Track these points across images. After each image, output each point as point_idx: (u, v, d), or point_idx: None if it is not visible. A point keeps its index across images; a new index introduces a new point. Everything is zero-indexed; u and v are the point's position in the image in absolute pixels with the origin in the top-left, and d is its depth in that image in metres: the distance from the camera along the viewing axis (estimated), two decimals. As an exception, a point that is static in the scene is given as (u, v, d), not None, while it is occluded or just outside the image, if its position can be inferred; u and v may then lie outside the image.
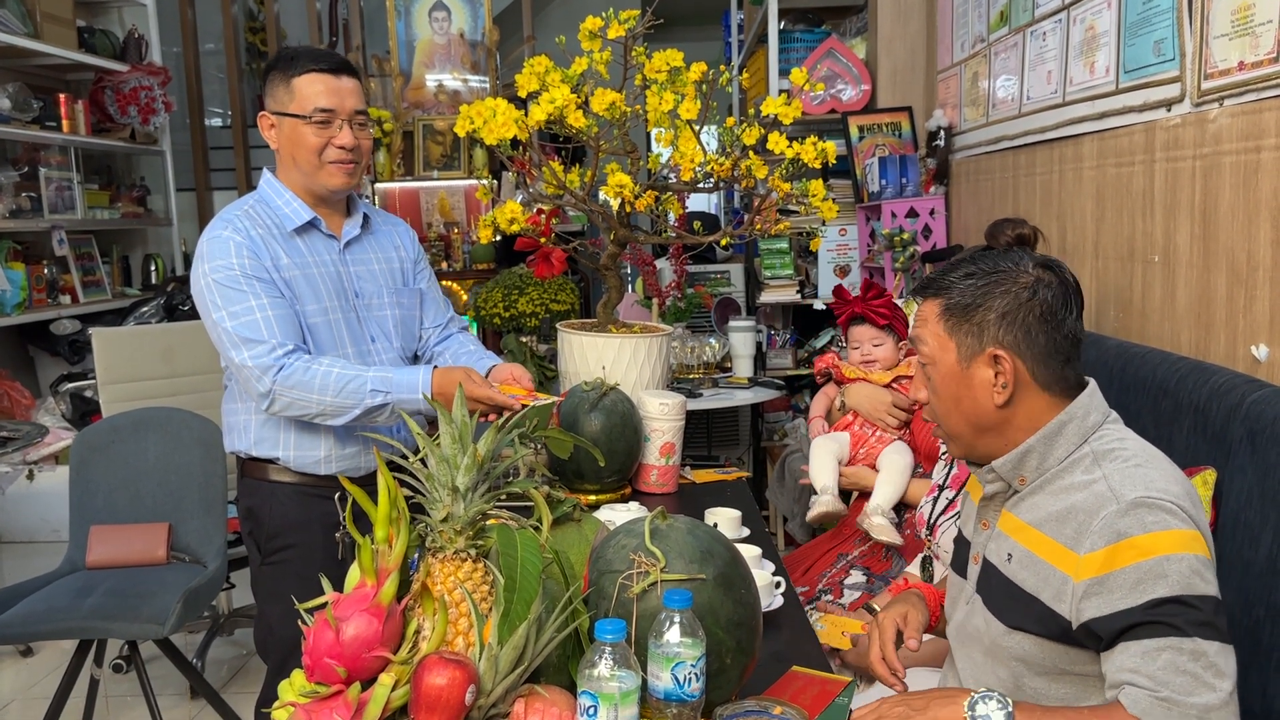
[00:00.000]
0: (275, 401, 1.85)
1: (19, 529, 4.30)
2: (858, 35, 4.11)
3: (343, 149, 1.92)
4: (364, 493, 1.16)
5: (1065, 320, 1.30)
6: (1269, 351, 1.69)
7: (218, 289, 1.85)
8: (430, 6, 5.00)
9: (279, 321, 1.85)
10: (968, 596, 1.41)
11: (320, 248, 1.99)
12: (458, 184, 5.03)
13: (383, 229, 2.14)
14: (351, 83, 1.94)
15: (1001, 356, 1.29)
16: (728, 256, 4.53)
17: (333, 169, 1.93)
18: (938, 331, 1.35)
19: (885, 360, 2.42)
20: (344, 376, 1.85)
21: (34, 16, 4.28)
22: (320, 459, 1.98)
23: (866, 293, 2.45)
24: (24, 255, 4.39)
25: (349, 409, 1.86)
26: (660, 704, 1.12)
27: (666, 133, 2.21)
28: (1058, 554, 1.24)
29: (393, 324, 2.07)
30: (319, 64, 1.90)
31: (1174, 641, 1.13)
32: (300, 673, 1.12)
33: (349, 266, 2.02)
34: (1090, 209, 2.39)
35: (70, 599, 2.51)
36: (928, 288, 1.38)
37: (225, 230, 1.89)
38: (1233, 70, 1.75)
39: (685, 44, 2.49)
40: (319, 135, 1.91)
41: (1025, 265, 1.31)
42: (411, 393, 1.86)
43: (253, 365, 1.83)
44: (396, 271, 2.11)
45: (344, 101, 1.91)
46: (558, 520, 1.48)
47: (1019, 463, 1.32)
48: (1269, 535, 1.41)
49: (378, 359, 2.02)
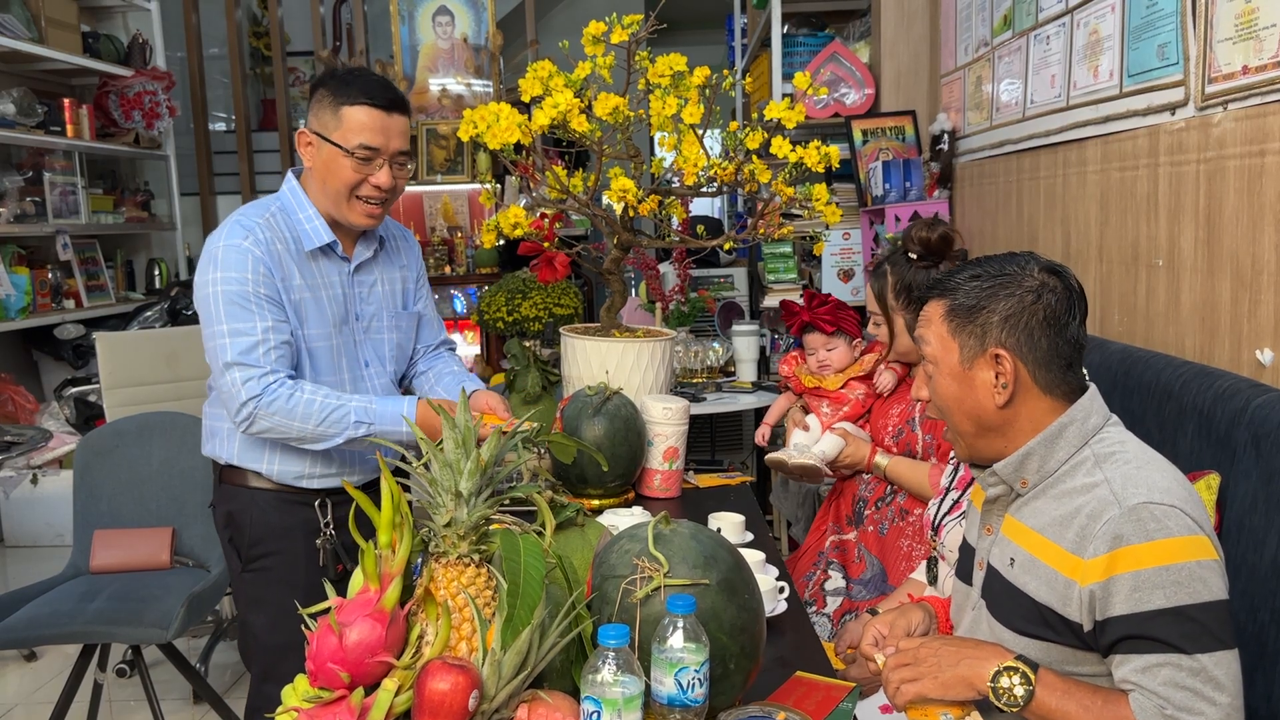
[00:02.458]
0: (254, 424, 1.82)
1: (23, 533, 4.30)
2: (861, 39, 4.11)
3: (378, 189, 1.87)
4: (367, 497, 1.16)
5: (1068, 325, 1.30)
6: (1273, 356, 1.68)
7: (224, 301, 1.81)
8: (434, 11, 5.01)
9: (277, 348, 1.82)
10: (973, 602, 1.41)
11: (332, 269, 1.95)
12: (461, 188, 5.04)
13: (393, 248, 2.09)
14: (402, 122, 1.87)
15: (1003, 356, 1.30)
16: (731, 260, 4.53)
17: (360, 207, 1.89)
18: (941, 333, 1.36)
19: (839, 362, 2.48)
20: (327, 406, 1.82)
21: (39, 22, 4.29)
22: (302, 474, 1.96)
23: (811, 302, 2.51)
24: (28, 260, 4.41)
25: (331, 437, 1.84)
26: (664, 709, 1.11)
27: (670, 137, 2.21)
28: (1061, 558, 1.24)
29: (389, 349, 2.05)
30: (373, 98, 1.83)
31: (1172, 658, 1.15)
32: (303, 678, 1.12)
33: (355, 289, 1.98)
34: (1094, 213, 2.38)
35: (74, 603, 2.52)
36: (934, 289, 1.39)
37: (245, 240, 1.83)
38: (1237, 74, 1.75)
39: (688, 48, 2.49)
40: (357, 171, 1.85)
41: (1031, 269, 1.32)
42: (395, 424, 1.85)
43: (241, 388, 1.79)
44: (399, 294, 2.08)
45: (390, 141, 1.85)
46: (561, 525, 1.48)
47: (1020, 465, 1.32)
48: (1274, 539, 1.41)
49: (369, 384, 1.99)
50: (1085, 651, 1.24)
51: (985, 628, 1.36)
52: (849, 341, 2.50)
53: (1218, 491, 1.54)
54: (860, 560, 2.28)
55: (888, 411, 2.35)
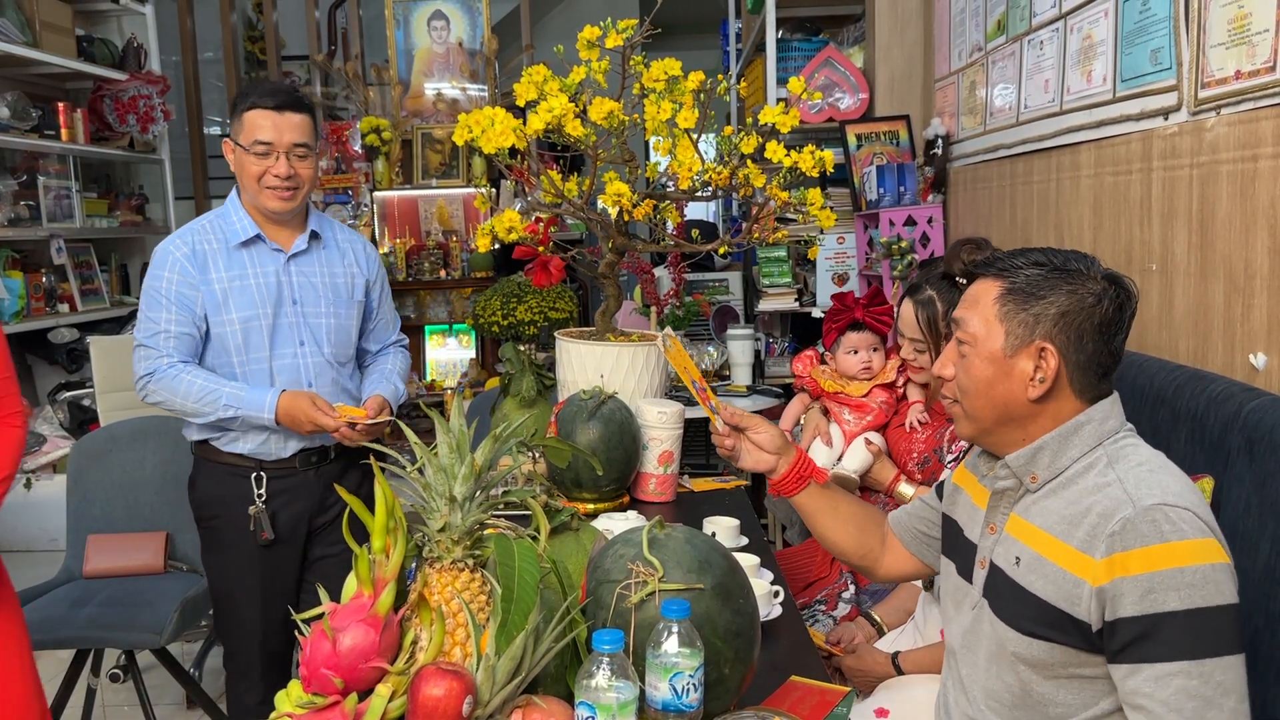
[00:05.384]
0: (148, 395, 2.21)
1: (16, 538, 4.29)
2: (855, 44, 4.12)
3: (277, 177, 2.18)
4: (360, 502, 1.16)
5: (1115, 336, 1.29)
6: (1267, 360, 1.69)
7: (146, 293, 2.21)
8: (429, 15, 5.01)
9: (178, 339, 2.19)
10: (974, 602, 1.40)
11: (265, 259, 2.25)
12: (456, 192, 5.04)
13: (338, 245, 2.37)
14: (295, 119, 2.18)
15: (1048, 351, 1.28)
16: (726, 264, 4.54)
17: (270, 194, 2.19)
18: (989, 315, 1.32)
19: (879, 367, 2.40)
20: (205, 388, 2.17)
21: (33, 25, 4.28)
22: (236, 440, 2.25)
23: (865, 299, 2.42)
24: (22, 264, 4.40)
25: (206, 414, 2.18)
26: (658, 715, 1.11)
27: (664, 141, 2.21)
28: (1070, 557, 1.23)
29: (325, 331, 2.30)
30: (265, 100, 2.16)
31: (1184, 667, 1.14)
32: (297, 683, 1.11)
33: (292, 277, 2.27)
34: (1088, 217, 2.39)
35: (67, 608, 2.51)
36: (990, 266, 1.35)
37: (174, 243, 2.21)
38: (1229, 79, 1.75)
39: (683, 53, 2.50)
40: (258, 165, 2.17)
41: (1096, 271, 1.30)
42: (258, 411, 2.17)
43: (141, 364, 2.20)
44: (341, 285, 2.34)
45: (282, 136, 2.16)
46: (555, 529, 1.47)
47: (1032, 458, 1.31)
48: (1267, 544, 1.41)
49: (305, 360, 2.28)
50: (1090, 653, 1.23)
51: (987, 628, 1.35)
52: (885, 345, 2.42)
53: (1211, 496, 1.54)
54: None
55: (913, 437, 2.29)
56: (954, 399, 1.39)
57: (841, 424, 2.39)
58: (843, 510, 1.65)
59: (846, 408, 2.39)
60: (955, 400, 1.39)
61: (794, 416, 2.55)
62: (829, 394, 2.43)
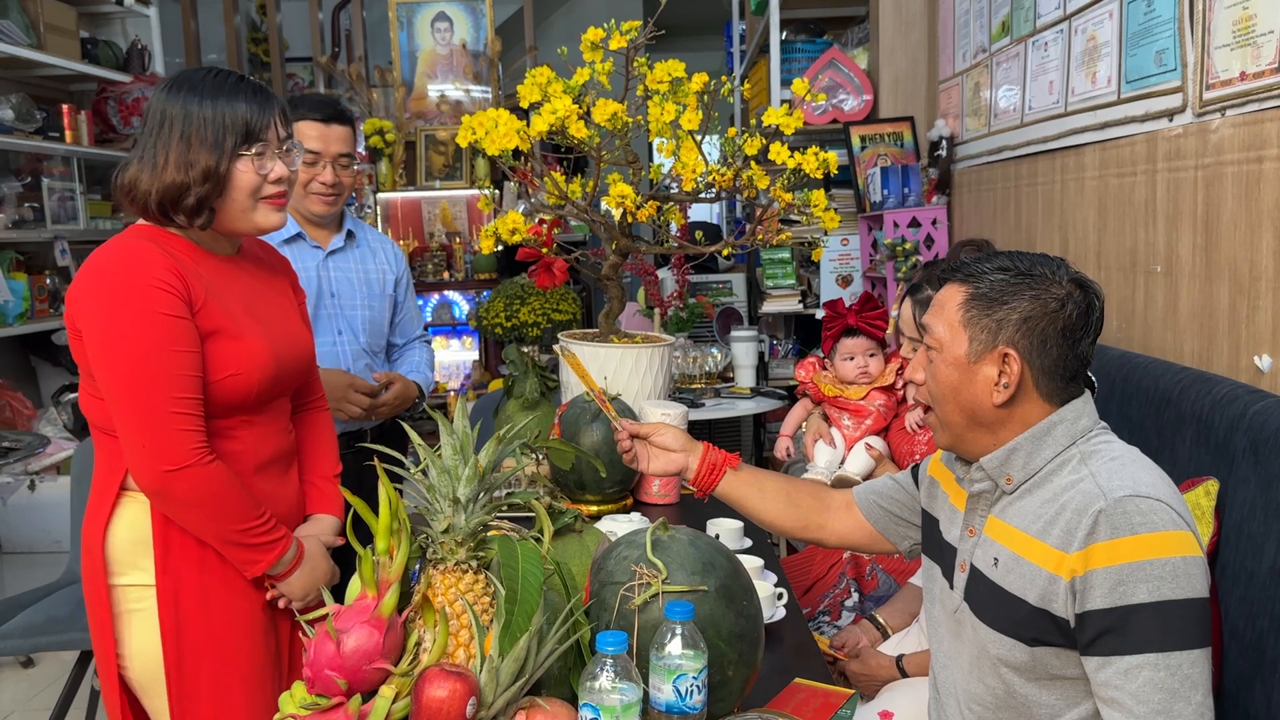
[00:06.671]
0: None
1: (20, 540, 4.29)
2: (859, 45, 4.12)
3: (324, 184, 2.29)
4: (364, 504, 1.16)
5: (1081, 341, 1.29)
6: (1272, 361, 1.68)
7: None
8: (433, 17, 5.02)
9: None
10: (954, 605, 1.39)
11: (305, 255, 2.33)
12: (460, 194, 5.04)
13: (370, 245, 2.48)
14: (338, 130, 2.30)
15: (1011, 357, 1.28)
16: (730, 266, 4.54)
17: (315, 198, 2.30)
18: (954, 321, 1.32)
19: (878, 371, 2.41)
20: None
21: (37, 27, 4.29)
22: None
23: (860, 305, 2.43)
24: (26, 266, 4.40)
25: None
26: (662, 717, 1.11)
27: (668, 143, 2.21)
28: (1046, 555, 1.23)
29: (361, 322, 2.42)
30: (313, 113, 2.27)
31: (1151, 659, 1.14)
32: (300, 685, 1.11)
33: (330, 272, 2.37)
34: (1092, 219, 2.39)
35: (71, 610, 2.51)
36: (957, 272, 1.35)
37: None
38: (1234, 80, 1.75)
39: (687, 54, 2.50)
40: (305, 172, 2.26)
41: (1060, 276, 1.29)
42: None
43: None
44: (374, 281, 2.46)
45: (328, 146, 2.28)
46: (559, 531, 1.47)
47: (1005, 460, 1.31)
48: (1272, 546, 1.41)
49: (343, 348, 2.37)
50: (1073, 651, 1.23)
51: (969, 631, 1.34)
52: (883, 349, 2.43)
53: (1216, 498, 1.54)
54: (872, 577, 2.27)
55: (914, 439, 2.30)
56: (928, 405, 1.40)
57: (841, 429, 2.41)
58: (769, 488, 1.65)
59: (846, 413, 2.41)
60: (929, 408, 1.39)
61: (796, 422, 2.58)
62: (829, 399, 2.44)
